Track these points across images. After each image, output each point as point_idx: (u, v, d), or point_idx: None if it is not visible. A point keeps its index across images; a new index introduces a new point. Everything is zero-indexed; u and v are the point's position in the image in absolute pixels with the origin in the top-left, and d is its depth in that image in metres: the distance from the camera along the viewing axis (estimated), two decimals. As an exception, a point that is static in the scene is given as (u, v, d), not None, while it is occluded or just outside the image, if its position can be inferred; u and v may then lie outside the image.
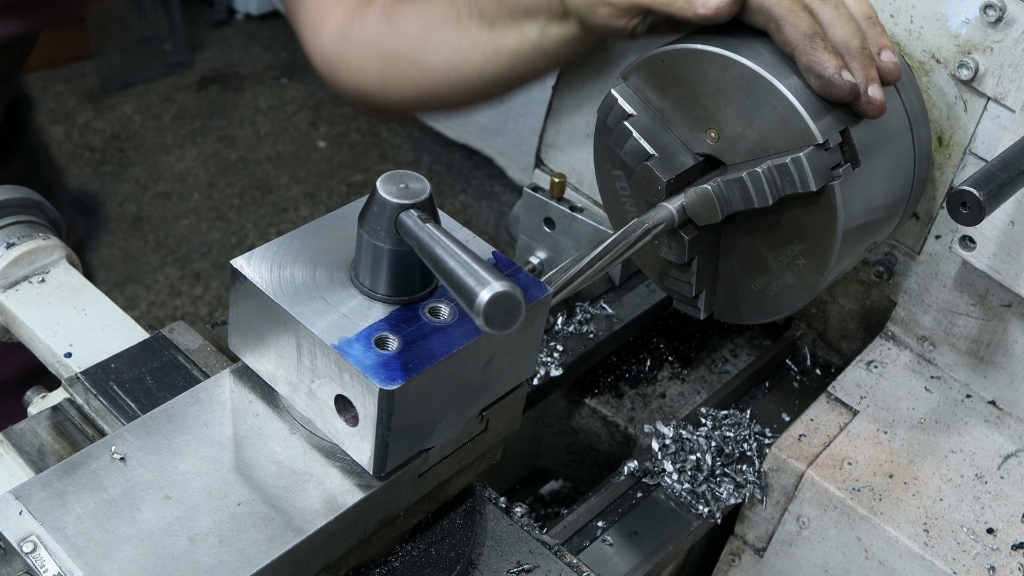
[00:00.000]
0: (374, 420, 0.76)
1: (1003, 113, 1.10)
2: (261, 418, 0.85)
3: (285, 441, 0.84)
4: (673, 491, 1.17)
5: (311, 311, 0.78)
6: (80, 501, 0.78)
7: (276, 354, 0.82)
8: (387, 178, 0.77)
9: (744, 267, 1.12)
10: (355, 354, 0.76)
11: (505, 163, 4.20)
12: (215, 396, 0.87)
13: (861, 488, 1.13)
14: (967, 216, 0.93)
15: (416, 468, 0.83)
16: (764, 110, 1.01)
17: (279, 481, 0.81)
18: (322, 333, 0.77)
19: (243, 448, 0.83)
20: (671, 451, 1.20)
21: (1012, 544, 1.10)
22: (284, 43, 4.89)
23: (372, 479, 0.81)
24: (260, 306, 0.81)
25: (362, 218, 0.78)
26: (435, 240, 0.73)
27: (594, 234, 1.34)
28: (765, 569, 1.22)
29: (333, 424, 0.80)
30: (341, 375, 0.77)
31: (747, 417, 1.25)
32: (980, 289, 1.20)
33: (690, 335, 1.42)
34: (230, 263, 0.82)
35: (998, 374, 1.23)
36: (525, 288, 0.82)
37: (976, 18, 1.08)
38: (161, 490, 0.79)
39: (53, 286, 1.14)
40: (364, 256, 0.79)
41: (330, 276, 0.81)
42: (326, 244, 0.84)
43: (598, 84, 1.35)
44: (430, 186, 0.77)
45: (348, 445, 0.80)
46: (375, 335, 0.77)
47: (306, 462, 0.83)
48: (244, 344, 0.85)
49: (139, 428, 0.83)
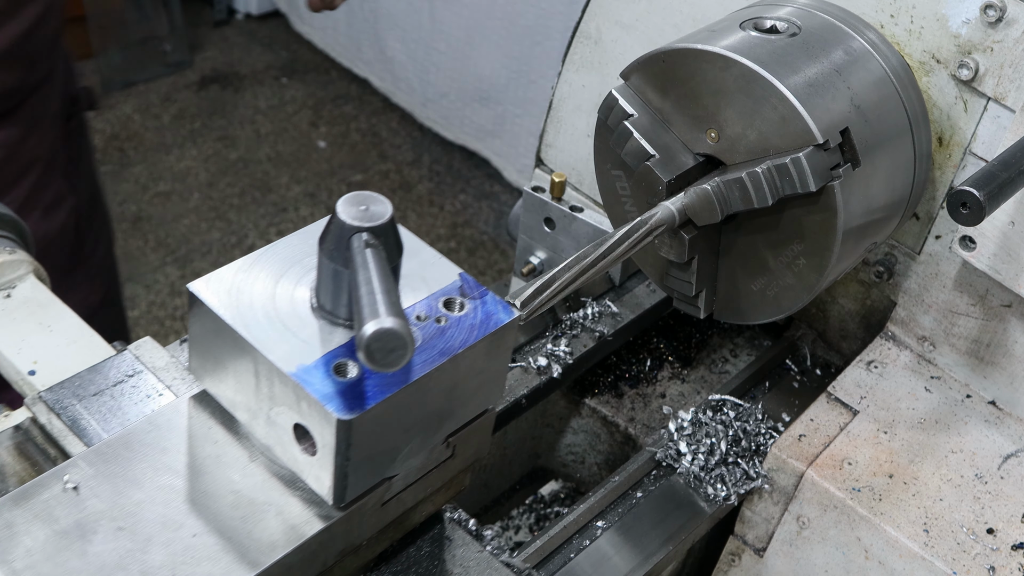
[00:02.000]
0: (332, 450, 0.73)
1: (1003, 113, 1.10)
2: (220, 445, 0.83)
3: (244, 469, 0.81)
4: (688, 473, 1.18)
5: (269, 337, 0.76)
6: (30, 533, 0.75)
7: (235, 380, 0.80)
8: (348, 199, 0.75)
9: (744, 267, 1.12)
10: (313, 382, 0.73)
11: (502, 164, 4.20)
12: (173, 422, 0.84)
13: (861, 488, 1.13)
14: (967, 216, 0.93)
15: (379, 497, 0.81)
16: (764, 110, 1.01)
17: (236, 511, 0.79)
18: (280, 360, 0.74)
19: (200, 477, 0.81)
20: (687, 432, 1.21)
21: (1012, 544, 1.10)
22: (284, 43, 4.89)
23: (332, 509, 0.79)
24: (218, 331, 0.78)
25: (322, 240, 0.75)
26: (360, 266, 0.71)
27: (594, 234, 1.34)
28: (765, 569, 1.22)
29: (292, 452, 0.78)
30: (299, 403, 0.74)
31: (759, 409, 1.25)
32: (980, 289, 1.20)
33: (690, 335, 1.42)
34: (187, 287, 0.79)
35: (998, 374, 1.23)
36: (491, 312, 0.80)
37: (976, 18, 1.08)
38: (114, 521, 0.77)
39: (19, 301, 1.12)
40: (324, 280, 0.77)
41: (291, 300, 0.79)
42: (288, 266, 0.81)
43: (598, 84, 1.35)
44: (391, 209, 0.75)
45: (307, 474, 0.78)
46: (334, 362, 0.75)
47: (265, 491, 0.80)
48: (203, 369, 0.83)
49: (94, 456, 0.81)
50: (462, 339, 0.78)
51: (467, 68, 4.10)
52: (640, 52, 1.11)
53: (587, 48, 1.35)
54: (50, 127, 1.73)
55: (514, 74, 3.94)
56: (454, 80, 4.19)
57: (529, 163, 3.83)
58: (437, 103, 4.33)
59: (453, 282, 0.82)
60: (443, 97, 4.28)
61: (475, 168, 4.33)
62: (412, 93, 4.40)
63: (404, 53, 4.30)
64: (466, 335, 0.78)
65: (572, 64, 1.37)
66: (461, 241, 4.03)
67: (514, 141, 4.09)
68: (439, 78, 4.25)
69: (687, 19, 1.26)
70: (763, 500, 1.19)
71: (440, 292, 0.81)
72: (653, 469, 1.20)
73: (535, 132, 3.84)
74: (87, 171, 1.89)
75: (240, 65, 4.75)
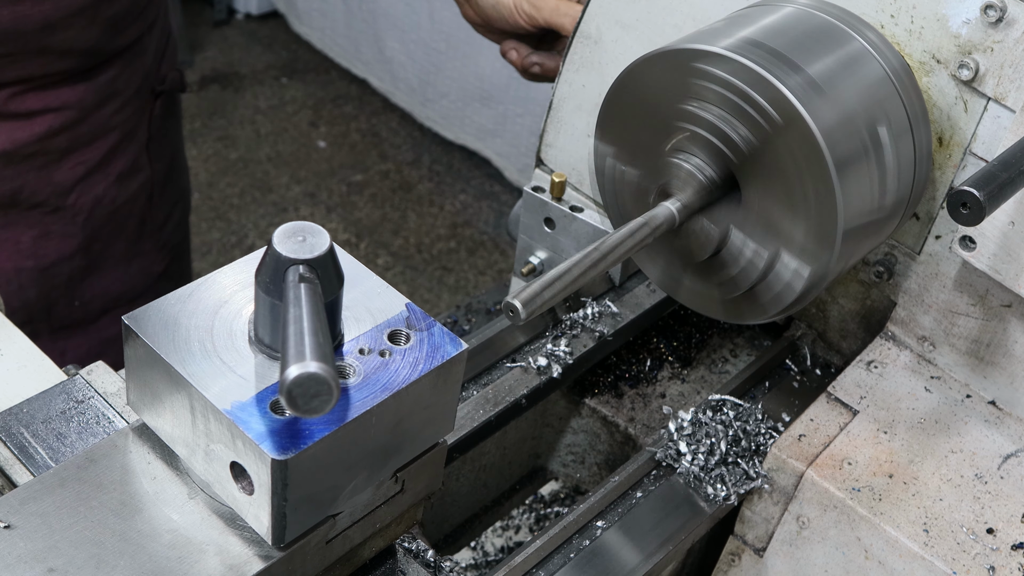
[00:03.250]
0: (269, 490, 0.71)
1: (1003, 113, 1.10)
2: (159, 481, 0.80)
3: (183, 507, 0.79)
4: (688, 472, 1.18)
5: (205, 372, 0.74)
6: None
7: (172, 415, 0.77)
8: (285, 231, 0.72)
9: (745, 267, 1.12)
10: (249, 420, 0.71)
11: (503, 164, 4.21)
12: (111, 457, 0.81)
13: (861, 488, 1.13)
14: (967, 216, 0.93)
15: (323, 535, 0.79)
16: (761, 107, 1.01)
17: (173, 551, 0.76)
18: (215, 397, 0.72)
19: (137, 514, 0.78)
20: (687, 432, 1.21)
21: (1012, 544, 1.10)
22: (284, 43, 4.89)
23: (273, 549, 0.76)
24: (153, 364, 0.76)
25: (258, 273, 0.73)
26: (292, 302, 0.68)
27: (594, 234, 1.34)
28: (765, 569, 1.22)
29: (230, 491, 0.76)
30: (234, 442, 0.72)
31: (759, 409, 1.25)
32: (980, 289, 1.20)
33: (690, 335, 1.42)
34: (122, 319, 0.77)
35: (998, 374, 1.23)
36: (438, 345, 0.78)
37: (976, 18, 1.08)
38: (44, 562, 0.74)
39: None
40: (261, 313, 0.74)
41: (229, 333, 0.76)
42: (228, 296, 0.79)
43: (598, 84, 1.35)
44: (329, 241, 0.72)
45: (246, 513, 0.76)
46: (271, 399, 0.72)
47: (204, 530, 0.77)
48: (141, 402, 0.80)
49: (27, 493, 0.78)
50: (406, 374, 0.76)
51: (467, 68, 4.10)
52: (640, 52, 1.11)
53: (587, 48, 1.35)
54: (131, 99, 1.74)
55: (514, 74, 3.93)
56: (454, 80, 4.19)
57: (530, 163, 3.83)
58: (437, 103, 4.33)
59: (399, 313, 0.80)
60: (443, 97, 4.28)
61: (475, 168, 4.33)
62: (412, 93, 4.40)
63: (403, 53, 4.30)
64: (411, 370, 0.76)
65: (572, 64, 1.37)
66: (461, 241, 4.03)
67: (515, 141, 4.09)
68: (439, 78, 4.25)
69: (687, 19, 1.26)
70: (763, 500, 1.19)
71: (385, 324, 0.79)
72: (653, 469, 1.20)
73: (536, 132, 3.84)
74: (169, 148, 1.91)
75: (240, 65, 4.75)
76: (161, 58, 1.83)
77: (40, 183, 1.65)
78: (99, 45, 1.62)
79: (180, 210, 1.99)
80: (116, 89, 1.70)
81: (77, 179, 1.69)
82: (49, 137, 1.63)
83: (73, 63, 1.61)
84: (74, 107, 1.64)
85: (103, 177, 1.73)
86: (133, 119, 1.76)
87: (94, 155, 1.70)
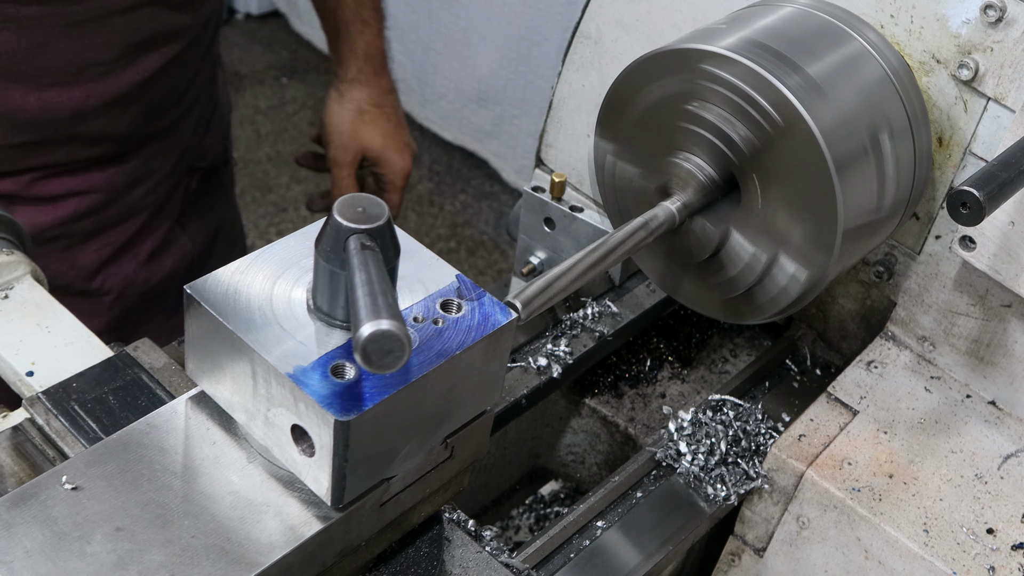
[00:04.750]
0: (330, 451, 0.73)
1: (1003, 113, 1.10)
2: (218, 446, 0.83)
3: (242, 470, 0.81)
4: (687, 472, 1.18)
5: (266, 338, 0.76)
6: (29, 534, 0.75)
7: (232, 381, 0.79)
8: (345, 201, 0.75)
9: (745, 267, 1.12)
10: (310, 383, 0.73)
11: (500, 165, 4.20)
12: (171, 423, 0.84)
13: (861, 488, 1.13)
14: (967, 216, 0.93)
15: (377, 497, 0.81)
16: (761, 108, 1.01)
17: (235, 512, 0.78)
18: (277, 362, 0.74)
19: (199, 477, 0.80)
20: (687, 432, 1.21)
21: (1012, 544, 1.10)
22: (284, 43, 4.89)
23: (331, 510, 0.79)
24: (215, 332, 0.78)
25: (318, 242, 0.75)
26: (358, 267, 0.71)
27: (594, 234, 1.34)
28: (765, 569, 1.22)
29: (290, 454, 0.78)
30: (296, 405, 0.74)
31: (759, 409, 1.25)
32: (980, 289, 1.20)
33: (690, 335, 1.42)
34: (184, 288, 0.79)
35: (998, 374, 1.23)
36: (488, 314, 0.80)
37: (976, 18, 1.08)
38: (112, 522, 0.77)
39: (16, 303, 1.11)
40: (320, 281, 0.77)
41: (287, 301, 0.79)
42: (285, 268, 0.81)
43: (598, 84, 1.35)
44: (388, 212, 0.75)
45: (305, 475, 0.78)
46: (332, 363, 0.75)
47: (263, 492, 0.80)
48: (200, 370, 0.83)
49: (92, 457, 0.81)
50: (459, 340, 0.78)
51: (465, 69, 4.10)
52: (640, 52, 1.11)
53: (587, 48, 1.35)
54: (165, 178, 1.66)
55: (512, 75, 3.94)
56: (452, 81, 4.19)
57: (527, 164, 3.82)
58: (435, 104, 4.33)
59: (450, 284, 0.82)
60: (441, 98, 4.28)
61: (475, 168, 4.33)
62: (410, 94, 4.40)
63: (402, 54, 4.30)
64: (463, 336, 0.78)
65: (572, 64, 1.37)
66: (461, 241, 4.03)
67: (512, 142, 4.09)
68: (437, 79, 4.25)
69: (687, 19, 1.26)
70: (763, 500, 1.19)
71: (437, 294, 0.81)
72: (653, 469, 1.20)
73: (533, 133, 3.84)
74: (214, 219, 1.82)
75: (240, 65, 4.74)
76: (205, 131, 1.75)
77: (62, 266, 1.57)
78: (132, 132, 1.55)
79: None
80: (149, 171, 1.62)
81: (102, 261, 1.61)
82: (73, 221, 1.55)
83: (103, 150, 1.54)
84: (102, 191, 1.56)
85: (132, 258, 1.65)
86: (166, 197, 1.68)
87: (120, 236, 1.62)
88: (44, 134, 1.45)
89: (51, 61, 1.38)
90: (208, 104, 1.76)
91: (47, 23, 1.35)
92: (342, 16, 1.84)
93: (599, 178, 1.20)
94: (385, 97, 1.91)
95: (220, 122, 1.83)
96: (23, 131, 1.43)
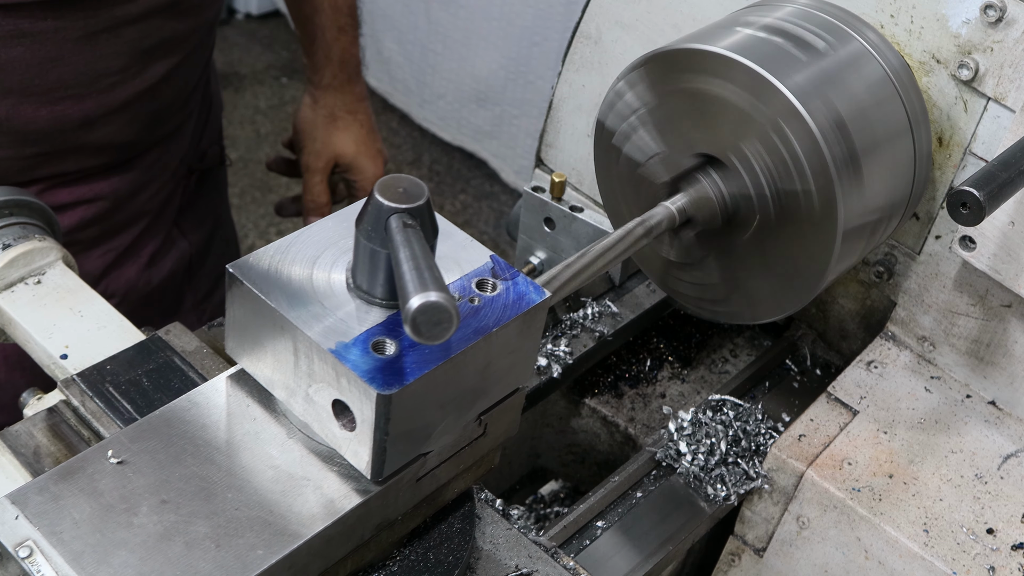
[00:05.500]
0: (372, 425, 0.75)
1: (1003, 113, 1.10)
2: (258, 422, 0.85)
3: (282, 445, 0.83)
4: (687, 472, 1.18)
5: (308, 315, 0.78)
6: (77, 506, 0.77)
7: (273, 358, 0.81)
8: (386, 181, 0.77)
9: (744, 267, 1.12)
10: (352, 359, 0.75)
11: (499, 165, 4.20)
12: (212, 400, 0.86)
13: (861, 488, 1.13)
14: (967, 216, 0.93)
15: (414, 472, 0.83)
16: (764, 110, 1.01)
17: (276, 486, 0.81)
18: (319, 337, 0.76)
19: (240, 452, 0.83)
20: (687, 432, 1.21)
21: (1012, 544, 1.10)
22: (284, 43, 4.89)
23: (370, 484, 0.81)
24: (257, 310, 0.80)
25: (359, 221, 0.78)
26: (402, 244, 0.73)
27: (594, 234, 1.34)
28: (765, 569, 1.22)
29: (330, 428, 0.79)
30: (338, 380, 0.76)
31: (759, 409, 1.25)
32: (980, 289, 1.20)
33: (690, 335, 1.42)
34: (227, 267, 0.81)
35: (998, 374, 1.23)
36: (523, 293, 0.82)
37: (976, 18, 1.08)
38: (157, 495, 0.79)
39: (49, 287, 1.14)
40: (361, 259, 0.79)
41: (327, 280, 0.81)
42: (322, 248, 0.83)
43: (598, 84, 1.35)
44: (428, 192, 0.77)
45: (346, 449, 0.79)
46: (372, 339, 0.76)
47: (303, 466, 0.82)
48: (241, 348, 0.84)
49: (136, 432, 0.83)
50: (496, 318, 0.80)
51: (464, 69, 4.10)
52: (640, 52, 1.11)
53: (587, 48, 1.35)
54: (167, 182, 1.66)
55: (512, 75, 3.94)
56: (451, 81, 4.19)
57: (527, 164, 3.82)
58: (434, 104, 4.33)
59: (485, 264, 0.84)
60: (440, 98, 4.28)
61: (475, 168, 4.33)
62: (409, 94, 4.40)
63: (401, 54, 4.30)
64: (499, 314, 0.80)
65: (572, 64, 1.37)
66: (461, 241, 4.02)
67: (512, 142, 4.09)
68: (436, 79, 4.24)
69: (687, 19, 1.26)
70: (763, 500, 1.19)
71: (472, 273, 0.83)
72: (653, 469, 1.20)
73: (533, 133, 3.84)
74: (209, 218, 1.83)
75: (240, 65, 4.74)
76: (201, 133, 1.76)
77: None
78: (138, 139, 1.56)
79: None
80: (152, 176, 1.63)
81: (106, 267, 1.62)
82: (80, 229, 1.56)
83: (109, 158, 1.54)
84: (107, 198, 1.56)
85: (133, 262, 1.65)
86: (166, 199, 1.69)
87: (124, 242, 1.63)
88: (53, 145, 1.45)
89: (64, 74, 1.38)
90: (204, 105, 1.77)
91: (61, 36, 1.35)
92: (319, 22, 1.85)
93: (600, 180, 1.20)
94: (358, 104, 1.92)
95: (215, 122, 1.84)
96: (33, 143, 1.43)
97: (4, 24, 1.30)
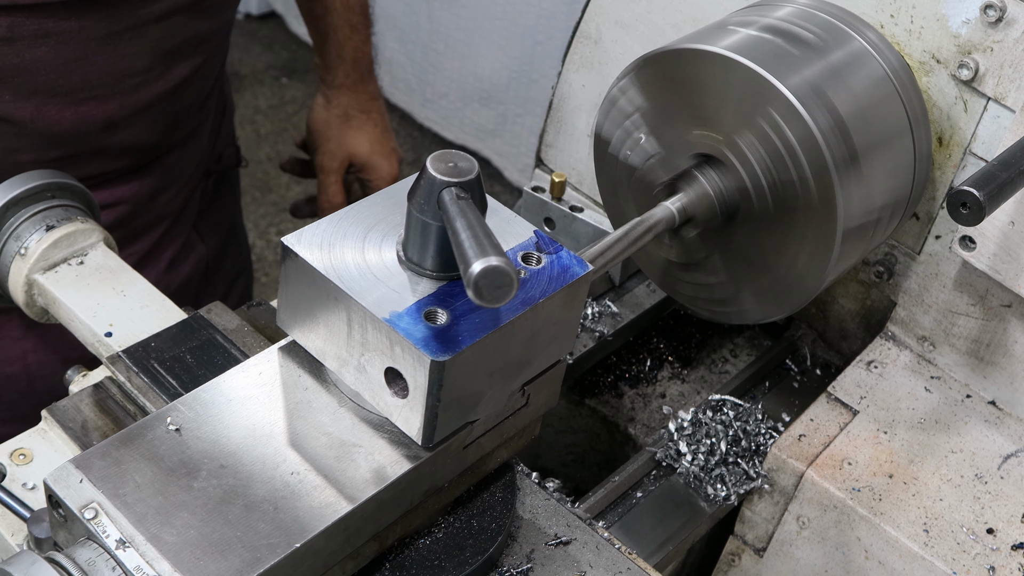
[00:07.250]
0: (424, 391, 0.78)
1: (1003, 113, 1.10)
2: (310, 392, 0.88)
3: (334, 414, 0.86)
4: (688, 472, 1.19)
5: (361, 286, 0.80)
6: (138, 470, 0.80)
7: (326, 329, 0.84)
8: (437, 156, 0.79)
9: (744, 267, 1.12)
10: (406, 327, 0.78)
11: (502, 164, 4.20)
12: (264, 371, 0.89)
13: (861, 488, 1.13)
14: (967, 216, 0.93)
15: (461, 440, 0.86)
16: (764, 110, 1.01)
17: (329, 451, 0.83)
18: (373, 307, 0.79)
19: (294, 420, 0.85)
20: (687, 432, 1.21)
21: (1012, 544, 1.10)
22: (284, 43, 4.89)
23: (419, 451, 0.83)
24: (311, 282, 0.82)
25: (411, 194, 0.80)
26: (458, 214, 0.75)
27: (594, 234, 1.34)
28: (765, 569, 1.22)
29: (382, 396, 0.82)
30: (392, 348, 0.78)
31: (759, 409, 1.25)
32: (980, 289, 1.20)
33: (690, 335, 1.42)
34: (281, 240, 0.84)
35: (998, 374, 1.23)
36: (567, 266, 0.85)
37: (976, 18, 1.08)
38: (216, 460, 0.82)
39: (91, 268, 1.16)
40: (412, 232, 0.81)
41: (379, 253, 0.83)
42: (373, 223, 0.86)
43: (598, 84, 1.35)
44: (478, 167, 0.79)
45: (397, 417, 0.82)
46: (424, 309, 0.79)
47: (355, 434, 0.85)
48: (293, 320, 0.87)
49: (192, 401, 0.86)
50: (542, 289, 0.83)
51: (466, 68, 4.10)
52: (640, 52, 1.11)
53: (587, 48, 1.35)
54: (185, 184, 1.66)
55: (514, 74, 3.94)
56: (453, 80, 4.19)
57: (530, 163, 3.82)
58: (436, 103, 4.32)
59: (529, 238, 0.87)
60: (442, 97, 4.28)
61: (476, 168, 4.33)
62: (411, 93, 4.40)
63: (402, 53, 4.30)
64: (545, 286, 0.83)
65: (572, 64, 1.37)
66: (461, 241, 4.02)
67: (515, 141, 4.09)
68: (438, 78, 4.24)
69: (687, 19, 1.26)
70: (763, 500, 1.19)
71: (518, 247, 0.86)
72: (653, 469, 1.20)
73: (536, 132, 3.83)
74: (224, 221, 1.83)
75: (240, 65, 4.74)
76: (217, 135, 1.76)
77: None
78: (159, 141, 1.55)
79: (242, 284, 1.91)
80: (171, 179, 1.62)
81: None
82: None
83: (130, 161, 1.54)
84: (128, 202, 1.56)
85: (153, 267, 1.65)
86: (186, 202, 1.69)
87: (144, 246, 1.62)
88: (76, 148, 1.45)
89: (88, 75, 1.38)
90: (220, 107, 1.77)
91: (84, 36, 1.35)
92: (331, 22, 1.85)
93: (600, 181, 1.20)
94: (372, 103, 1.92)
95: (229, 123, 1.83)
96: (57, 146, 1.43)
97: (28, 24, 1.30)
